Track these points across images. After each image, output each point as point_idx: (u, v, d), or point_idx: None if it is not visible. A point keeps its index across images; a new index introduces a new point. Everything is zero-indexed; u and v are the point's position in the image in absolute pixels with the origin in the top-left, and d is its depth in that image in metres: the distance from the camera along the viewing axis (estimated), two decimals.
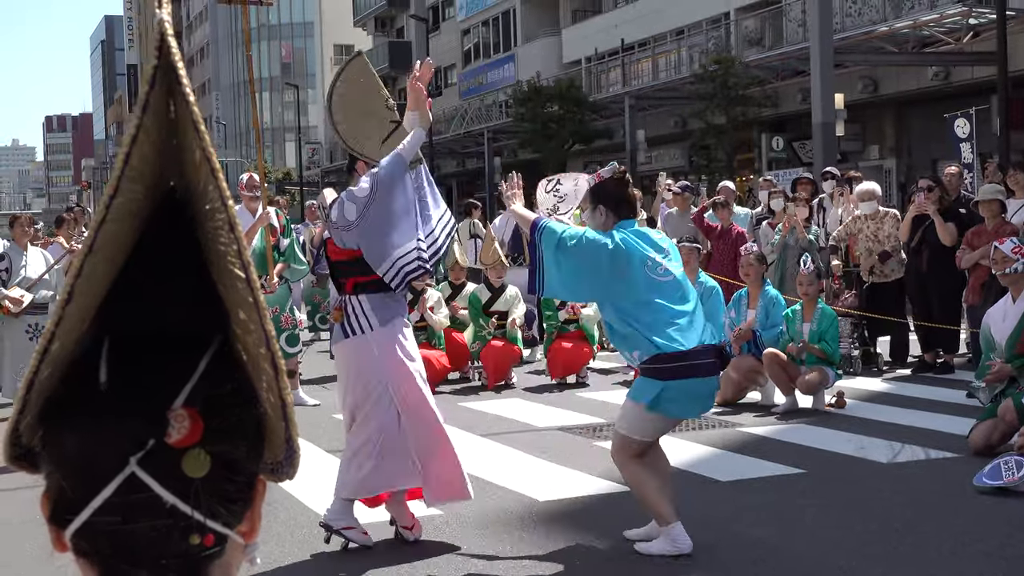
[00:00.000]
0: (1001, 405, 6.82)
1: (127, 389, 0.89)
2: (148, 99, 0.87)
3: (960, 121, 16.08)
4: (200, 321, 0.94)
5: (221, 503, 0.91)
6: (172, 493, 0.88)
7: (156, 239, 0.94)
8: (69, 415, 0.90)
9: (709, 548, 5.16)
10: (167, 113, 0.88)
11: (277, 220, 9.34)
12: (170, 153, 0.90)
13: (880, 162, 26.33)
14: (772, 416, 8.52)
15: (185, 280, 0.95)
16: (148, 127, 0.87)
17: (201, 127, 0.88)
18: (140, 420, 0.88)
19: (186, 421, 0.88)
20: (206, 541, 0.90)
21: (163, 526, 0.88)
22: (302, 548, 5.33)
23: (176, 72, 0.86)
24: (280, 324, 9.40)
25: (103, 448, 0.88)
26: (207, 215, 0.92)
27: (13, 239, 10.17)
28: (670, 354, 4.81)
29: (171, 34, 0.86)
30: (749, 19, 29.71)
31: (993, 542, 5.14)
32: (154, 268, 0.94)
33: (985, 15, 20.43)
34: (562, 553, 5.13)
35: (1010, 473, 5.89)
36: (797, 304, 9.05)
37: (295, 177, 55.77)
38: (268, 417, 0.96)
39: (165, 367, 0.90)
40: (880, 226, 10.79)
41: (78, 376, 0.91)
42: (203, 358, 0.92)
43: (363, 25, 59.56)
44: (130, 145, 0.87)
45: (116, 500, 0.87)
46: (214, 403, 0.90)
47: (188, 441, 0.88)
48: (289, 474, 1.02)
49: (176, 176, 0.93)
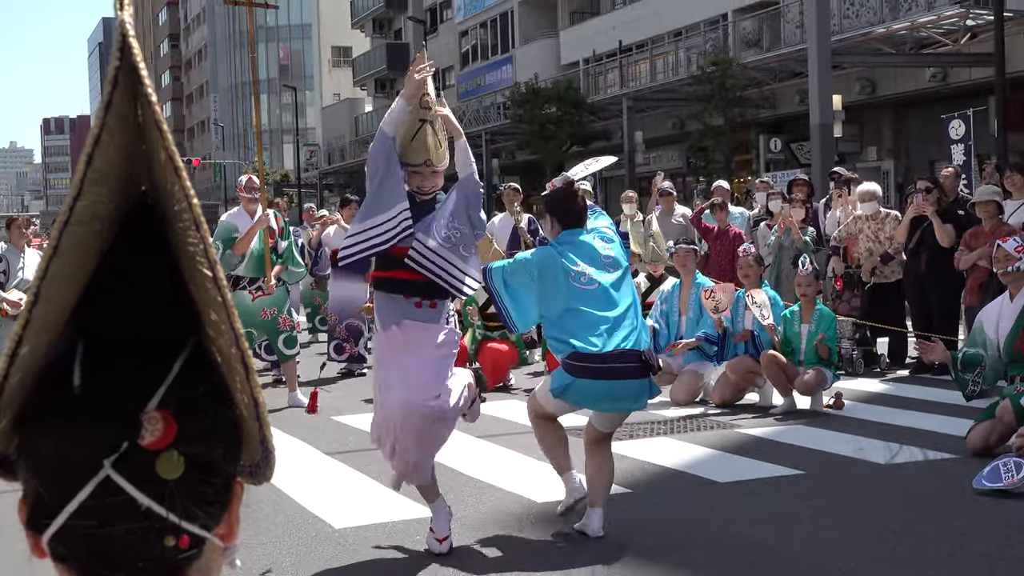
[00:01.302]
0: (999, 406, 6.82)
1: (101, 392, 0.89)
2: (111, 99, 0.86)
3: (955, 123, 16.08)
4: (173, 323, 0.94)
5: (197, 505, 0.91)
6: (147, 495, 0.88)
7: (128, 242, 0.94)
8: (43, 419, 0.89)
9: (707, 549, 5.16)
10: (134, 117, 0.88)
11: (276, 222, 9.33)
12: (139, 157, 0.90)
13: (878, 163, 26.34)
14: (770, 417, 8.52)
15: (157, 282, 0.94)
16: (112, 127, 0.87)
17: (163, 127, 0.87)
18: (113, 423, 0.87)
19: (159, 423, 0.88)
20: (181, 543, 0.90)
21: (139, 529, 0.88)
22: (300, 550, 5.32)
23: (138, 73, 0.86)
24: (278, 326, 9.39)
25: (77, 452, 0.87)
26: (176, 216, 0.91)
27: (10, 241, 10.17)
28: (583, 354, 5.16)
29: (132, 35, 0.86)
30: (747, 21, 29.73)
31: (992, 543, 5.13)
32: (127, 271, 0.94)
33: (983, 16, 20.44)
34: (558, 553, 5.13)
35: (1009, 475, 5.89)
36: (795, 305, 9.05)
37: (293, 179, 55.74)
38: (244, 419, 0.96)
39: (139, 370, 0.90)
40: (881, 227, 10.79)
41: (51, 380, 0.90)
42: (177, 360, 0.92)
43: (361, 27, 59.55)
44: (92, 146, 0.86)
45: (91, 503, 0.87)
46: (188, 405, 0.90)
47: (161, 443, 0.88)
48: (267, 475, 1.02)
49: (146, 179, 0.93)
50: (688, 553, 5.12)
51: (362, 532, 5.53)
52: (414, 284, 5.10)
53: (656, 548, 5.20)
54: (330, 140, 62.15)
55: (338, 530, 5.62)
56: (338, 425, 8.74)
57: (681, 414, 8.74)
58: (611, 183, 33.34)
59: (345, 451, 7.60)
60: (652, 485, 6.44)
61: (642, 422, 8.33)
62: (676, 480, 6.57)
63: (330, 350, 11.71)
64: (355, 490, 6.48)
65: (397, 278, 5.12)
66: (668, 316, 9.66)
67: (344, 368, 11.74)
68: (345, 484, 6.68)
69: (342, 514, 5.92)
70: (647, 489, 6.34)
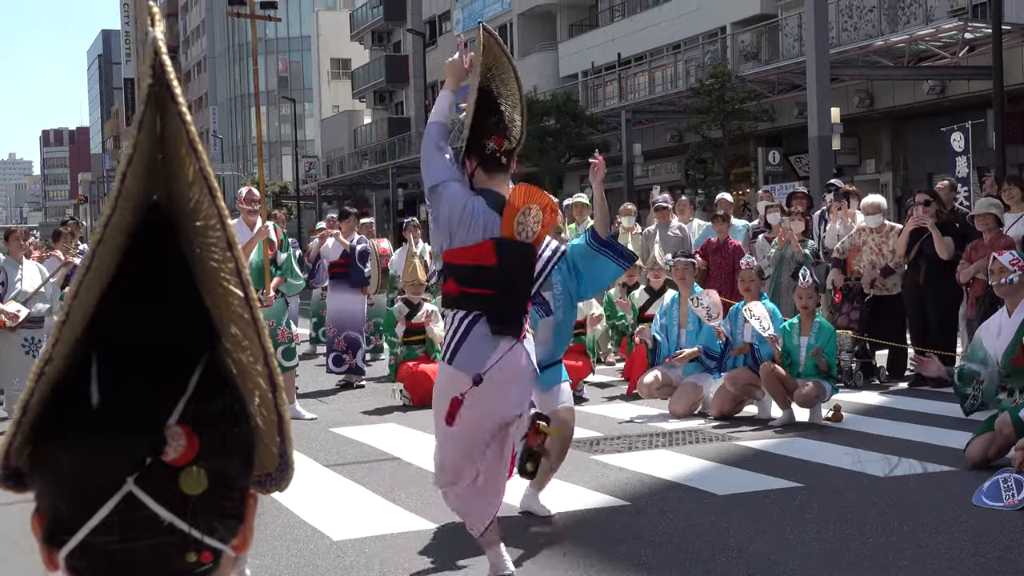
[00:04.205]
0: (998, 419, 6.82)
1: (120, 407, 0.89)
2: (143, 118, 0.87)
3: (956, 135, 16.10)
4: (187, 335, 0.94)
5: (218, 519, 0.91)
6: (170, 511, 0.88)
7: (140, 254, 0.94)
8: (63, 435, 0.89)
9: (705, 561, 5.16)
10: (155, 129, 0.89)
11: (275, 234, 9.34)
12: (155, 169, 0.91)
13: (876, 176, 26.37)
14: (769, 430, 8.51)
15: (170, 294, 0.94)
16: (142, 145, 0.87)
17: (198, 145, 0.88)
18: (136, 439, 0.87)
19: (182, 439, 0.88)
20: (203, 558, 0.90)
21: (161, 544, 0.88)
22: (296, 560, 5.32)
23: (171, 91, 0.87)
24: (277, 337, 9.39)
25: (100, 468, 0.87)
26: (197, 231, 0.91)
27: (8, 253, 10.17)
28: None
29: (165, 52, 0.86)
30: (745, 33, 29.80)
31: (991, 556, 5.14)
32: (140, 282, 0.94)
33: (981, 29, 20.48)
34: (558, 563, 5.13)
35: (1010, 495, 5.90)
36: (794, 318, 9.06)
37: (291, 191, 55.74)
38: (258, 431, 0.96)
39: (157, 384, 0.90)
40: (885, 240, 10.78)
41: (69, 395, 0.90)
42: (193, 374, 0.92)
43: (360, 39, 59.63)
44: (127, 165, 0.87)
45: (113, 519, 0.87)
46: (206, 419, 0.90)
47: (185, 459, 0.88)
48: (280, 487, 1.02)
49: (160, 190, 0.93)
50: (685, 565, 5.11)
51: (360, 544, 5.53)
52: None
53: (654, 560, 5.19)
54: (329, 152, 62.19)
55: (336, 542, 5.62)
56: (336, 437, 8.74)
57: (680, 426, 8.74)
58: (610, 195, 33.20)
59: (343, 463, 7.60)
60: (650, 497, 6.44)
61: (641, 434, 8.34)
62: (674, 492, 6.57)
63: (329, 362, 11.72)
64: (353, 502, 6.48)
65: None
66: (668, 329, 9.67)
67: (343, 380, 11.74)
68: (343, 496, 6.68)
69: (340, 526, 5.91)
70: (645, 501, 6.33)
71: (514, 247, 4.53)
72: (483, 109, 4.69)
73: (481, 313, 4.51)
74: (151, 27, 0.87)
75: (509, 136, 4.70)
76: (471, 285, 4.51)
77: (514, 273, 4.57)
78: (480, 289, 4.50)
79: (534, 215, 4.55)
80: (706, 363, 9.34)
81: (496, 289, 4.52)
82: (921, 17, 23.16)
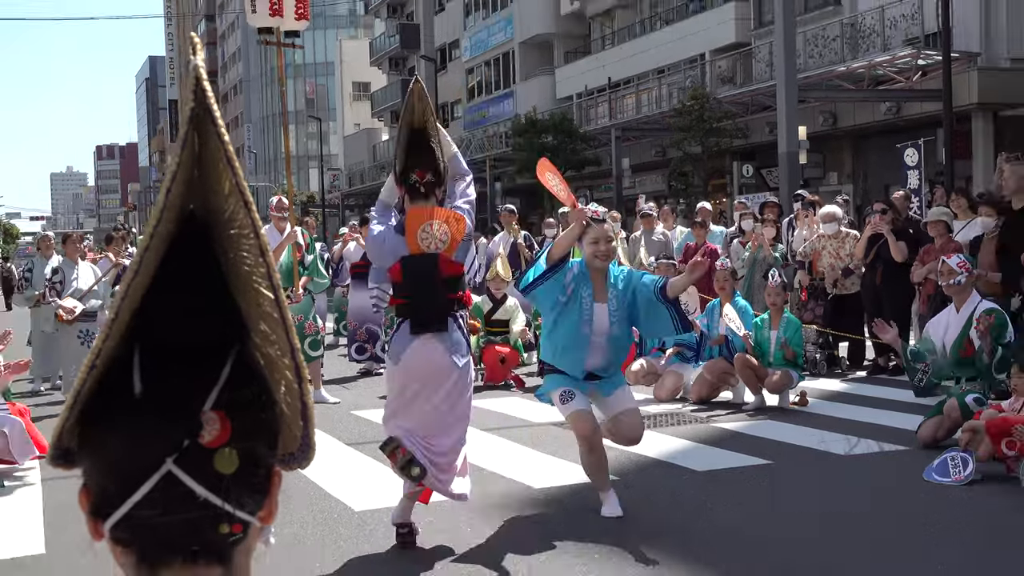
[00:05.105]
0: (947, 404, 6.83)
1: (161, 396, 0.89)
2: (187, 138, 0.88)
3: (910, 151, 16.07)
4: (219, 331, 0.94)
5: (247, 494, 0.92)
6: (205, 487, 0.88)
7: (178, 258, 0.94)
8: (110, 419, 0.90)
9: (684, 531, 5.17)
10: (195, 147, 0.89)
11: (303, 238, 9.35)
12: (193, 183, 0.91)
13: (838, 187, 26.29)
14: (743, 413, 8.52)
15: (205, 295, 0.95)
16: (185, 162, 0.88)
17: (235, 163, 0.88)
18: (175, 424, 0.88)
19: (216, 423, 0.88)
20: (235, 529, 0.91)
21: (197, 517, 0.89)
22: (322, 529, 5.34)
23: (212, 114, 0.87)
24: (304, 331, 9.41)
25: (143, 449, 0.88)
26: (232, 239, 0.92)
27: (66, 255, 10.20)
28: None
29: (206, 78, 0.87)
30: (722, 60, 29.75)
31: (940, 526, 5.14)
32: (178, 284, 0.94)
33: (932, 57, 20.44)
34: (553, 533, 5.14)
35: (957, 471, 5.91)
36: (765, 313, 9.07)
37: (318, 200, 55.74)
38: (283, 416, 0.97)
39: (192, 375, 0.91)
40: (842, 245, 10.84)
41: (115, 384, 0.91)
42: (225, 366, 0.92)
43: (379, 65, 59.56)
44: (171, 181, 0.88)
45: (154, 495, 0.88)
46: (237, 406, 0.91)
47: (219, 441, 0.89)
48: (302, 465, 1.03)
49: (197, 201, 0.93)
50: (668, 532, 5.12)
51: (380, 514, 5.54)
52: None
53: (641, 527, 5.20)
54: (351, 165, 62.14)
55: (358, 512, 5.63)
56: (357, 419, 8.75)
57: (663, 410, 8.75)
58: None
59: (364, 442, 7.61)
60: (637, 473, 6.45)
61: None
62: (659, 468, 6.58)
63: (351, 351, 11.73)
64: (373, 477, 6.49)
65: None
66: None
67: (363, 367, 11.75)
68: (364, 471, 6.69)
69: (362, 497, 5.93)
70: (633, 476, 6.35)
71: (416, 260, 4.91)
72: (414, 146, 4.99)
73: (404, 317, 4.96)
74: (192, 55, 0.87)
75: (434, 171, 4.98)
76: (396, 296, 5.03)
77: (419, 281, 4.93)
78: (399, 299, 4.99)
79: (437, 228, 4.89)
80: (685, 354, 9.43)
81: (408, 296, 4.95)
82: (879, 45, 23.14)
